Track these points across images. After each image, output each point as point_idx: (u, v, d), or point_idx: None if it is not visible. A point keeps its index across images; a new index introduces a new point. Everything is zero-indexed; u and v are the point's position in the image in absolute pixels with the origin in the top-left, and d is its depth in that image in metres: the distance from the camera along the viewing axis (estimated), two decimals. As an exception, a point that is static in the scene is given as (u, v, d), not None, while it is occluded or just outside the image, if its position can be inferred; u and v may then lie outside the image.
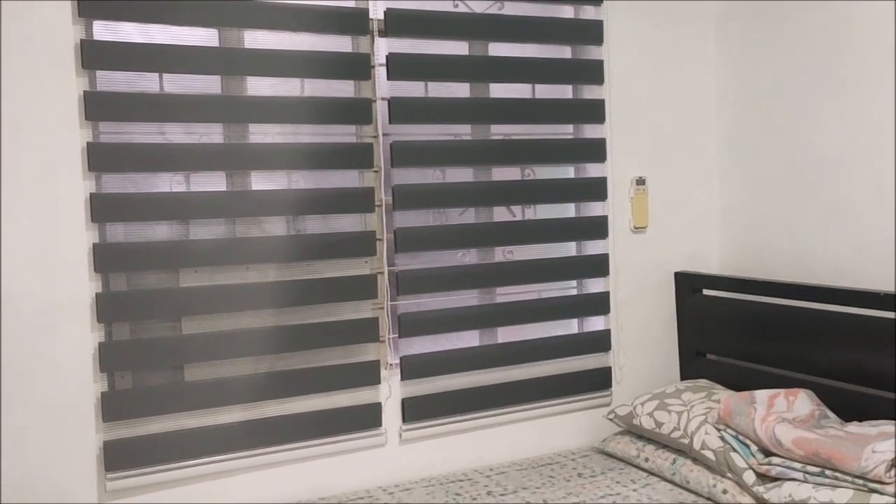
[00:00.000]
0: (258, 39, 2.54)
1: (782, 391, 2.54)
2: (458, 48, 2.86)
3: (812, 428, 2.34)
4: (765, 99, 3.05)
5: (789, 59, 2.94)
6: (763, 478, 2.35)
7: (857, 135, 2.72)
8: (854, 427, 2.34)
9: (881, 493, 2.06)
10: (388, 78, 2.70)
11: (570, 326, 3.12)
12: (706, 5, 3.21)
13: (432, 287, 2.81)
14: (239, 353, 2.53)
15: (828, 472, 2.19)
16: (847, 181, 2.76)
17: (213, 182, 2.52)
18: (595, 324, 3.12)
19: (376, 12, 2.67)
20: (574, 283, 3.11)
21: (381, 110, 2.70)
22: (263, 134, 2.57)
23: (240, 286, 2.52)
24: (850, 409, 2.52)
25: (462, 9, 2.86)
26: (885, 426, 2.28)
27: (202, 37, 2.47)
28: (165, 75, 2.43)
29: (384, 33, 2.69)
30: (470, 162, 2.87)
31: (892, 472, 2.08)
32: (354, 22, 2.63)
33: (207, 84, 2.49)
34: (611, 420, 2.92)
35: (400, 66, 2.71)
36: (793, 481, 2.26)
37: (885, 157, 2.62)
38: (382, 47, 2.70)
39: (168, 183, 2.47)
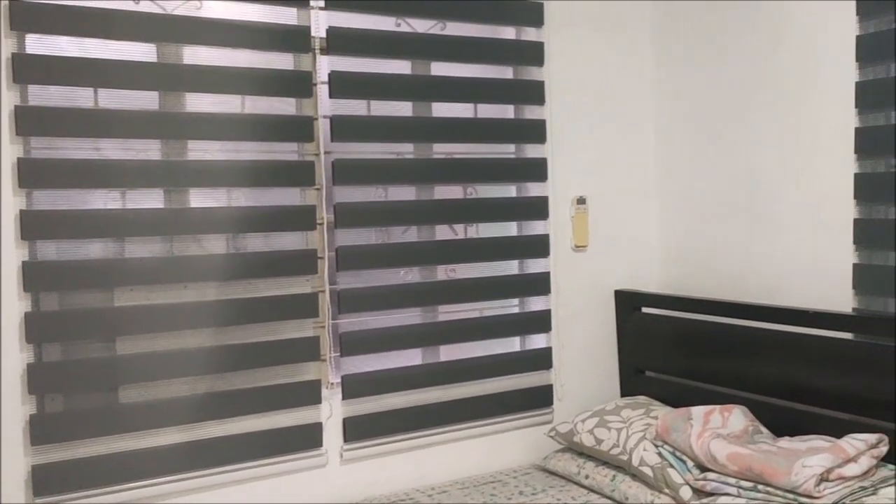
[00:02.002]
0: (197, 55, 2.51)
1: (717, 407, 2.59)
2: (401, 67, 2.87)
3: (745, 443, 2.39)
4: (701, 121, 3.13)
5: (724, 81, 3.02)
6: (699, 493, 2.40)
7: (787, 156, 2.81)
8: (785, 442, 2.39)
9: (811, 507, 2.12)
10: (331, 96, 2.70)
11: (512, 344, 3.13)
12: (644, 29, 3.29)
13: (374, 305, 2.80)
14: (176, 373, 2.48)
15: (760, 487, 2.24)
16: (778, 202, 2.84)
17: (150, 199, 2.48)
18: (537, 342, 3.14)
19: (318, 30, 2.67)
20: (516, 301, 3.13)
21: (322, 128, 2.69)
22: (203, 150, 2.54)
23: (177, 305, 2.48)
24: (782, 425, 2.58)
25: (404, 28, 2.87)
26: (815, 441, 2.34)
27: (139, 52, 2.43)
28: (101, 90, 2.38)
29: (326, 51, 2.68)
30: (412, 180, 2.88)
31: (822, 487, 2.13)
32: (296, 39, 2.62)
33: (145, 100, 2.45)
34: (552, 437, 2.94)
35: (342, 84, 2.71)
36: (727, 496, 2.30)
37: (814, 178, 2.71)
38: (324, 65, 2.70)
39: (103, 200, 2.42)
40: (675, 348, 3.00)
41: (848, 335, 2.51)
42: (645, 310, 3.18)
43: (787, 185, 2.82)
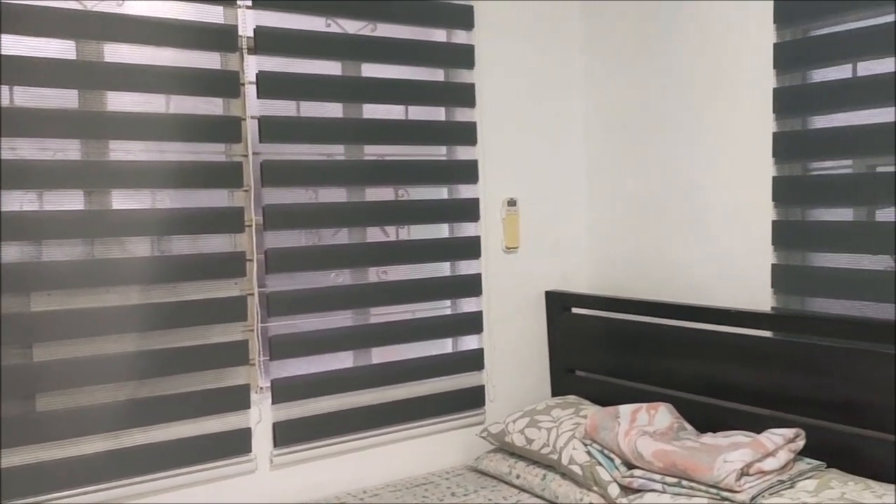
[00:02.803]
0: (119, 53, 2.44)
1: (644, 405, 2.64)
2: (331, 68, 2.84)
3: (671, 440, 2.44)
4: (629, 124, 3.19)
5: (650, 87, 3.08)
6: (626, 490, 2.44)
7: (710, 159, 2.88)
8: (708, 438, 2.45)
9: (732, 502, 2.17)
10: (259, 96, 2.66)
11: (444, 346, 3.14)
12: (573, 33, 3.33)
13: (305, 308, 2.77)
14: (98, 380, 2.41)
15: (684, 483, 2.29)
16: (704, 204, 2.91)
17: (69, 200, 2.40)
18: (469, 343, 3.15)
19: (245, 29, 2.63)
20: (448, 302, 3.13)
21: (251, 129, 2.65)
22: (125, 151, 2.47)
23: (99, 310, 2.41)
24: (706, 421, 2.65)
25: (335, 29, 2.85)
26: (736, 437, 2.40)
27: (57, 49, 2.35)
28: (16, 88, 2.30)
29: (254, 51, 2.64)
30: (343, 182, 2.86)
31: (742, 481, 2.19)
32: (222, 38, 2.58)
33: (63, 98, 2.37)
34: (484, 438, 2.95)
35: (270, 85, 2.67)
36: (653, 492, 2.35)
37: (735, 181, 2.79)
38: (252, 65, 2.66)
39: (19, 201, 2.33)
40: (605, 348, 3.05)
41: (767, 333, 2.59)
42: (575, 310, 3.22)
43: (709, 187, 2.89)
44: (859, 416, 2.32)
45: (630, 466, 2.48)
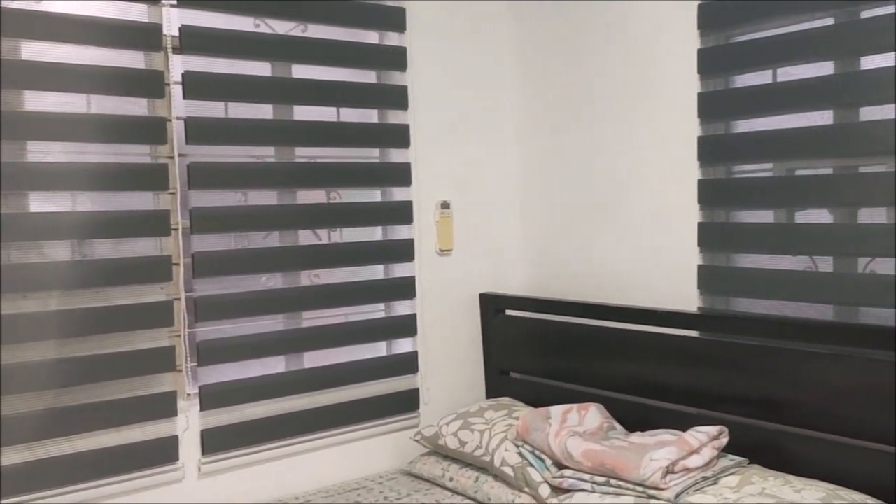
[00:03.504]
0: (38, 51, 2.37)
1: (575, 406, 2.67)
2: (261, 69, 2.80)
3: (600, 440, 2.47)
4: (560, 126, 3.22)
5: (581, 91, 3.12)
6: (557, 490, 2.45)
7: (638, 163, 2.93)
8: (636, 437, 2.49)
9: (658, 499, 2.21)
10: (185, 97, 2.60)
11: (377, 349, 3.12)
12: (504, 35, 3.36)
13: (234, 313, 2.72)
14: (15, 389, 2.32)
15: (612, 482, 2.31)
16: (633, 206, 2.96)
17: (-17, 203, 2.32)
18: (402, 346, 3.14)
19: (171, 28, 2.57)
20: (381, 305, 3.12)
21: (177, 130, 2.60)
22: (43, 152, 2.40)
23: (14, 317, 2.32)
24: (635, 420, 2.69)
25: (264, 29, 2.81)
26: (663, 435, 2.44)
27: (-30, 46, 2.27)
28: (-75, 86, 2.22)
29: (179, 50, 2.59)
30: (274, 185, 2.82)
31: (668, 479, 2.23)
32: (146, 37, 2.52)
33: (-23, 97, 2.29)
34: (417, 441, 2.94)
35: (197, 85, 2.62)
36: (583, 492, 2.37)
37: (663, 184, 2.84)
38: (178, 65, 2.60)
39: (-71, 204, 2.25)
40: (538, 349, 3.07)
41: (694, 333, 2.64)
42: (509, 312, 3.24)
43: (638, 190, 2.94)
44: (780, 412, 2.37)
45: (560, 467, 2.50)
